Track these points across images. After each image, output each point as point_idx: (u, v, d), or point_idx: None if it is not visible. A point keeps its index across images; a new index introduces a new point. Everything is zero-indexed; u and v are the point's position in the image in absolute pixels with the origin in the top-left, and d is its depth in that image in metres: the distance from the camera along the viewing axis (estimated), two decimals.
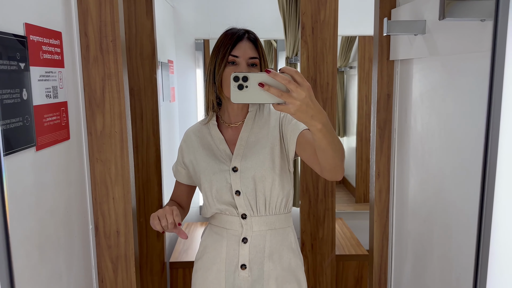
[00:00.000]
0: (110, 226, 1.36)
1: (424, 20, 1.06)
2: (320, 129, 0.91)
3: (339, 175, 1.08)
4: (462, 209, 0.96)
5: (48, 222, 1.09)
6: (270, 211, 1.23)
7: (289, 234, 1.27)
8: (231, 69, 1.19)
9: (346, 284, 2.54)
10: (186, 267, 2.44)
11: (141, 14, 2.11)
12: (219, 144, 1.27)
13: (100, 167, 1.34)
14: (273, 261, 1.23)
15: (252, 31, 1.25)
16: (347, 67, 3.48)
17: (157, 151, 2.21)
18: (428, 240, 1.15)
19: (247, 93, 0.86)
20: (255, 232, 1.23)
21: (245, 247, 1.22)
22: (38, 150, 1.03)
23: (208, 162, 1.25)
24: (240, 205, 1.22)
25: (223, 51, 1.19)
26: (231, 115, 1.27)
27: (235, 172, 1.21)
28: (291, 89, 0.84)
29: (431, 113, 1.10)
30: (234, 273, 1.23)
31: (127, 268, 1.39)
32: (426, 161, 1.14)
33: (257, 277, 1.23)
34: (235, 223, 1.23)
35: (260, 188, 1.21)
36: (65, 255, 1.18)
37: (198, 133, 1.31)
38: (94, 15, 1.28)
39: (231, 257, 1.24)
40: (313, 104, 0.86)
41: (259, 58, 1.22)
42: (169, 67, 2.74)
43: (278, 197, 1.23)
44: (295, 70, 0.85)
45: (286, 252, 1.25)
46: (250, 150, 1.23)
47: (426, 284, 1.17)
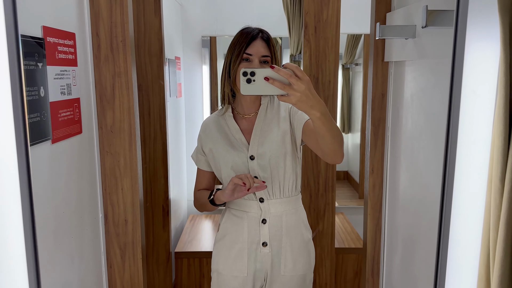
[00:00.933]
0: (118, 215, 1.45)
1: (414, 25, 1.13)
2: (319, 117, 1.02)
3: (339, 159, 1.20)
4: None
5: (62, 210, 1.18)
6: (284, 195, 1.37)
7: (301, 213, 1.43)
8: (245, 65, 1.31)
9: (345, 276, 2.62)
10: (191, 257, 2.54)
11: (149, 13, 2.19)
12: (235, 134, 1.39)
13: (110, 159, 1.42)
14: (289, 237, 1.39)
15: (265, 31, 1.36)
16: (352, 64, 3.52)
17: (164, 145, 2.29)
18: (416, 232, 1.22)
19: (255, 86, 0.99)
20: (273, 214, 1.37)
21: (265, 227, 1.37)
22: (53, 143, 1.12)
23: (227, 150, 1.38)
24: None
25: (238, 49, 1.31)
26: (245, 107, 1.39)
27: (252, 160, 1.35)
28: (292, 82, 0.96)
29: (420, 113, 1.17)
30: (256, 250, 1.39)
31: (134, 255, 1.48)
32: (415, 158, 1.21)
33: (276, 252, 1.38)
34: (254, 207, 1.37)
35: (275, 173, 1.35)
36: (77, 241, 1.27)
37: (216, 123, 1.43)
38: (105, 16, 1.36)
39: (252, 237, 1.38)
40: (312, 95, 0.98)
41: (271, 55, 1.33)
42: (176, 64, 2.82)
43: (290, 180, 1.37)
44: (296, 65, 0.97)
45: (300, 228, 1.41)
46: (265, 139, 1.35)
47: (414, 273, 1.24)
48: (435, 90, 1.07)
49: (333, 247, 2.23)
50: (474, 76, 0.54)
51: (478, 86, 0.55)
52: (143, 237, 1.50)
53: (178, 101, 2.92)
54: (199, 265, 2.56)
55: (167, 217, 2.35)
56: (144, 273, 1.53)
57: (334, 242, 2.23)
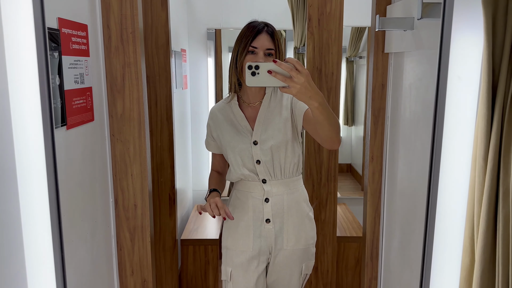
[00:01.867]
0: (128, 199, 1.52)
1: (412, 17, 1.18)
2: (317, 107, 1.13)
3: (336, 145, 1.31)
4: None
5: (76, 193, 1.24)
6: (285, 176, 1.48)
7: (302, 193, 1.54)
8: (251, 58, 1.40)
9: (347, 264, 2.68)
10: (196, 244, 2.61)
11: (156, 6, 2.24)
12: (240, 121, 1.49)
13: (120, 146, 1.48)
14: (291, 214, 1.50)
15: (271, 25, 1.45)
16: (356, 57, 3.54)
17: (170, 135, 2.35)
18: (412, 217, 1.28)
19: (259, 78, 1.10)
20: (275, 193, 1.48)
21: (268, 206, 1.48)
22: (68, 129, 1.18)
23: (232, 136, 1.49)
24: (260, 171, 1.47)
25: (245, 42, 1.40)
26: (250, 96, 1.50)
27: (256, 145, 1.45)
28: (292, 75, 1.07)
29: (417, 102, 1.22)
30: (260, 226, 1.50)
31: (143, 238, 1.54)
32: (412, 146, 1.26)
33: (279, 228, 1.50)
34: (257, 187, 1.49)
35: (276, 157, 1.45)
36: (90, 224, 1.34)
37: (222, 111, 1.54)
38: (116, 9, 1.41)
39: (257, 214, 1.50)
40: (311, 87, 1.09)
41: (275, 49, 1.42)
42: (182, 56, 2.87)
43: (291, 163, 1.48)
44: (296, 60, 1.08)
45: (300, 205, 1.52)
46: (268, 126, 1.46)
47: (410, 256, 1.30)
48: (431, 80, 1.12)
49: (334, 236, 2.29)
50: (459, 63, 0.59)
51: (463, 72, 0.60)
52: (151, 221, 1.56)
53: (184, 92, 2.98)
54: (204, 252, 2.63)
55: (173, 205, 2.42)
56: (153, 256, 1.60)
57: (336, 231, 2.29)
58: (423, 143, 1.18)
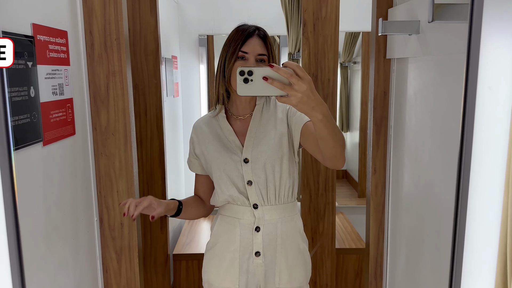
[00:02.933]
0: (114, 218, 1.41)
1: (418, 20, 1.09)
2: (321, 120, 0.96)
3: (340, 164, 1.13)
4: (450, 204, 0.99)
5: (55, 214, 1.14)
6: (279, 201, 1.30)
7: (297, 222, 1.34)
8: (241, 64, 1.23)
9: (346, 276, 2.59)
10: (189, 259, 2.50)
11: (145, 11, 2.15)
12: (228, 135, 1.31)
13: (105, 161, 1.38)
14: (285, 247, 1.31)
15: (262, 28, 1.29)
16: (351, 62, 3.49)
17: (161, 145, 2.25)
18: (420, 234, 1.19)
19: (252, 86, 0.91)
20: (267, 221, 1.29)
21: (258, 236, 1.29)
22: (45, 145, 1.07)
23: (220, 152, 1.30)
24: (251, 195, 1.28)
25: (234, 47, 1.24)
26: (239, 108, 1.32)
27: (246, 163, 1.27)
28: (293, 82, 0.89)
29: (424, 111, 1.14)
30: (248, 260, 1.30)
31: (131, 259, 1.44)
32: (419, 158, 1.18)
33: (270, 262, 1.30)
34: (247, 213, 1.29)
35: (270, 178, 1.27)
36: (72, 246, 1.23)
37: (208, 125, 1.35)
38: (99, 14, 1.32)
39: (245, 245, 1.30)
40: (314, 96, 0.91)
41: (268, 54, 1.26)
42: (173, 63, 2.78)
43: (286, 186, 1.29)
44: (296, 64, 0.90)
45: (295, 238, 1.33)
46: (260, 142, 1.28)
47: (419, 276, 1.21)
48: (440, 88, 1.04)
49: (333, 248, 2.20)
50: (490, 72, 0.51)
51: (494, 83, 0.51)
52: (139, 240, 1.46)
53: (175, 100, 2.88)
54: (198, 267, 2.52)
55: (164, 218, 2.31)
56: (141, 278, 1.49)
57: (334, 243, 2.20)
58: (432, 155, 1.10)
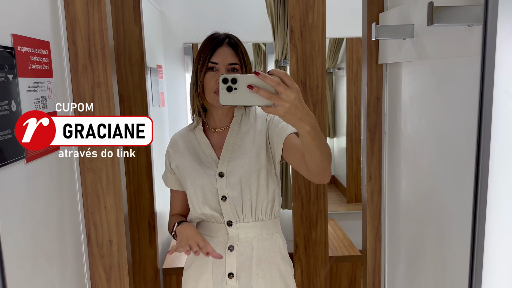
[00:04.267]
0: (102, 235, 1.35)
1: (412, 24, 1.07)
2: (308, 132, 0.91)
3: (326, 178, 1.08)
4: (454, 210, 0.97)
5: (40, 233, 1.07)
6: (256, 217, 1.22)
7: (277, 240, 1.26)
8: (211, 75, 1.18)
9: (340, 285, 2.56)
10: (180, 273, 2.43)
11: (129, 21, 2.10)
12: (205, 149, 1.25)
13: (91, 176, 1.32)
14: (261, 268, 1.22)
15: (233, 36, 1.23)
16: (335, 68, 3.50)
17: (148, 157, 2.20)
18: (421, 242, 1.16)
19: (236, 95, 0.85)
20: (242, 240, 1.21)
21: (231, 255, 1.21)
22: (28, 162, 1.02)
23: (194, 166, 1.23)
24: (226, 211, 1.21)
25: (203, 58, 1.18)
26: (217, 120, 1.26)
27: (222, 177, 1.20)
28: (280, 91, 0.83)
29: (421, 116, 1.12)
30: (221, 282, 1.22)
31: (121, 277, 1.38)
32: (417, 164, 1.15)
33: (245, 285, 1.22)
34: (221, 231, 1.22)
35: (246, 193, 1.20)
36: (58, 266, 1.17)
37: (184, 138, 1.30)
38: (82, 23, 1.27)
39: (218, 266, 1.22)
40: (302, 106, 0.86)
41: (240, 63, 1.20)
42: (158, 72, 2.73)
43: (264, 202, 1.22)
44: (284, 72, 0.85)
45: (274, 258, 1.24)
46: (236, 155, 1.21)
47: (420, 286, 1.18)
48: (437, 92, 1.02)
49: (327, 257, 2.17)
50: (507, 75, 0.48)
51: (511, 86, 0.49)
52: (129, 257, 1.40)
53: (162, 110, 2.83)
54: None
55: (153, 232, 2.25)
56: None
57: (327, 251, 2.17)
58: (431, 161, 1.07)
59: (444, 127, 0.99)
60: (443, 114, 0.99)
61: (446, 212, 1.01)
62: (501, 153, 0.50)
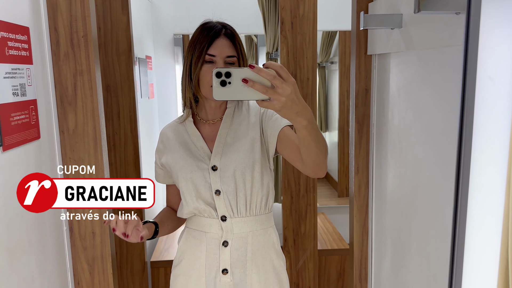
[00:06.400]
0: (85, 227, 1.33)
1: (400, 13, 1.06)
2: (305, 126, 0.89)
3: (322, 172, 1.06)
4: (438, 203, 0.96)
5: (18, 225, 1.05)
6: (251, 212, 1.19)
7: (271, 235, 1.24)
8: (208, 68, 1.13)
9: (329, 278, 2.55)
10: (168, 266, 2.41)
11: (116, 9, 2.06)
12: (196, 142, 1.21)
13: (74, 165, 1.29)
14: (256, 264, 1.20)
15: (229, 26, 1.19)
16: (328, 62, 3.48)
17: (136, 149, 2.17)
18: (406, 234, 1.15)
19: (230, 89, 0.83)
20: (236, 235, 1.18)
21: (225, 251, 1.18)
22: (5, 150, 0.99)
23: (186, 160, 1.19)
24: (219, 206, 1.17)
25: (199, 49, 1.14)
26: (209, 112, 1.23)
27: (215, 171, 1.17)
28: (276, 84, 0.81)
29: (408, 107, 1.10)
30: (215, 279, 1.19)
31: (104, 270, 1.36)
32: (404, 156, 1.14)
33: (239, 281, 1.19)
34: (214, 226, 1.19)
35: (240, 187, 1.17)
36: (38, 258, 1.15)
37: (174, 131, 1.26)
38: (64, 9, 1.23)
39: (211, 262, 1.20)
40: (299, 100, 0.83)
41: (237, 55, 1.16)
42: (147, 63, 2.69)
43: (258, 196, 1.19)
44: (279, 65, 0.82)
45: (269, 253, 1.22)
46: (230, 148, 1.18)
47: (405, 278, 1.17)
48: (425, 83, 1.00)
49: (315, 250, 2.16)
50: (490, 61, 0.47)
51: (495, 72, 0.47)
52: (113, 249, 1.38)
53: (151, 102, 2.79)
54: None
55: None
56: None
57: (316, 245, 2.16)
58: (417, 153, 1.06)
59: (430, 118, 0.98)
60: (430, 105, 0.98)
61: (431, 204, 1.00)
62: (486, 142, 0.48)
